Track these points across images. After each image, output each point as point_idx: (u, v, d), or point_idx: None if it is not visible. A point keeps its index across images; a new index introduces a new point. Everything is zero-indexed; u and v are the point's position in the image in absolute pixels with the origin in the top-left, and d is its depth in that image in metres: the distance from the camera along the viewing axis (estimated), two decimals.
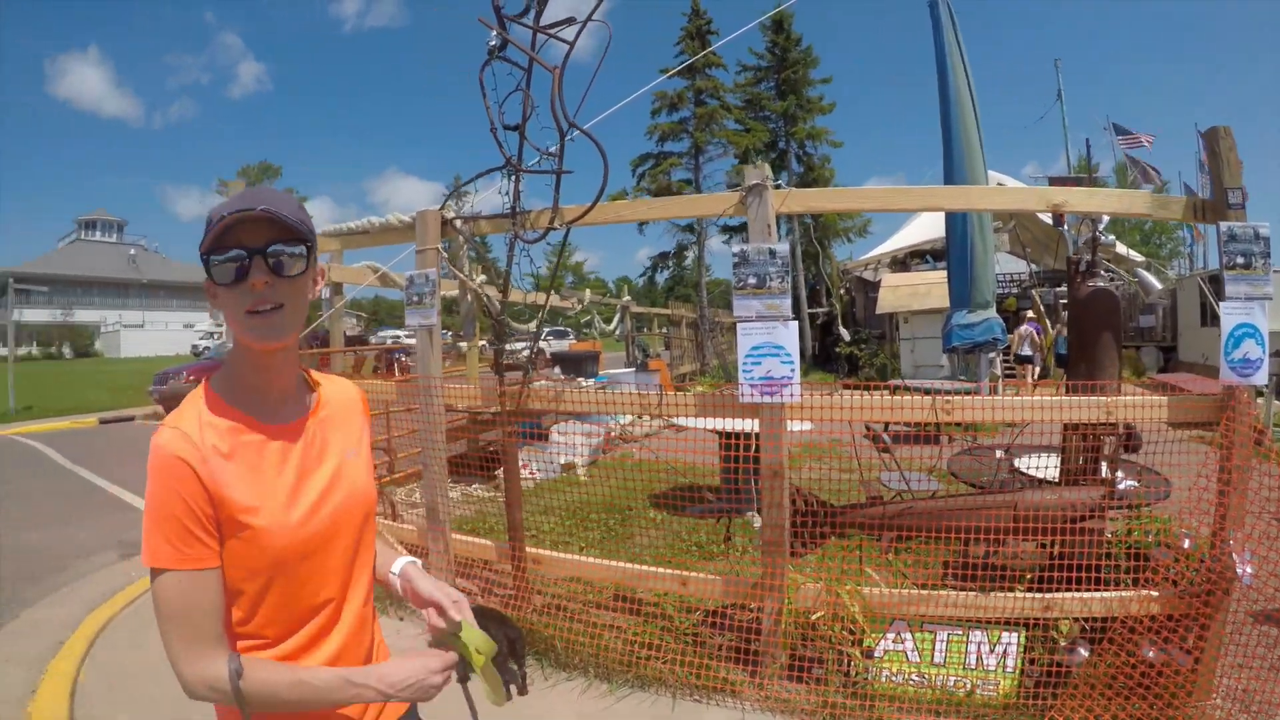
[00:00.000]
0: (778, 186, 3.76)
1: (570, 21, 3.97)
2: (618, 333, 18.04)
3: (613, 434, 10.57)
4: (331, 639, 1.39)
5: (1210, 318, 16.29)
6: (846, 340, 19.93)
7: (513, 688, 3.64)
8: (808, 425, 5.30)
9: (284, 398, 1.39)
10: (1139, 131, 22.38)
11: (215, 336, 54.15)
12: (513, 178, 4.32)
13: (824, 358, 28.98)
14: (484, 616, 3.78)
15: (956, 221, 6.91)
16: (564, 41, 4.00)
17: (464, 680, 1.51)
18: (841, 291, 27.81)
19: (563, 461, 8.21)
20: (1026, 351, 16.31)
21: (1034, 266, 22.17)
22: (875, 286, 22.00)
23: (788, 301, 3.61)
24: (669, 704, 3.69)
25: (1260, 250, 3.39)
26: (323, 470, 1.39)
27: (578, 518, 6.38)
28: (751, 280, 3.63)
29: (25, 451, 12.94)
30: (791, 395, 3.58)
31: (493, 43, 4.08)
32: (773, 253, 3.62)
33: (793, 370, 3.58)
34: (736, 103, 36.29)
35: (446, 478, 4.78)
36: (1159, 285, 17.55)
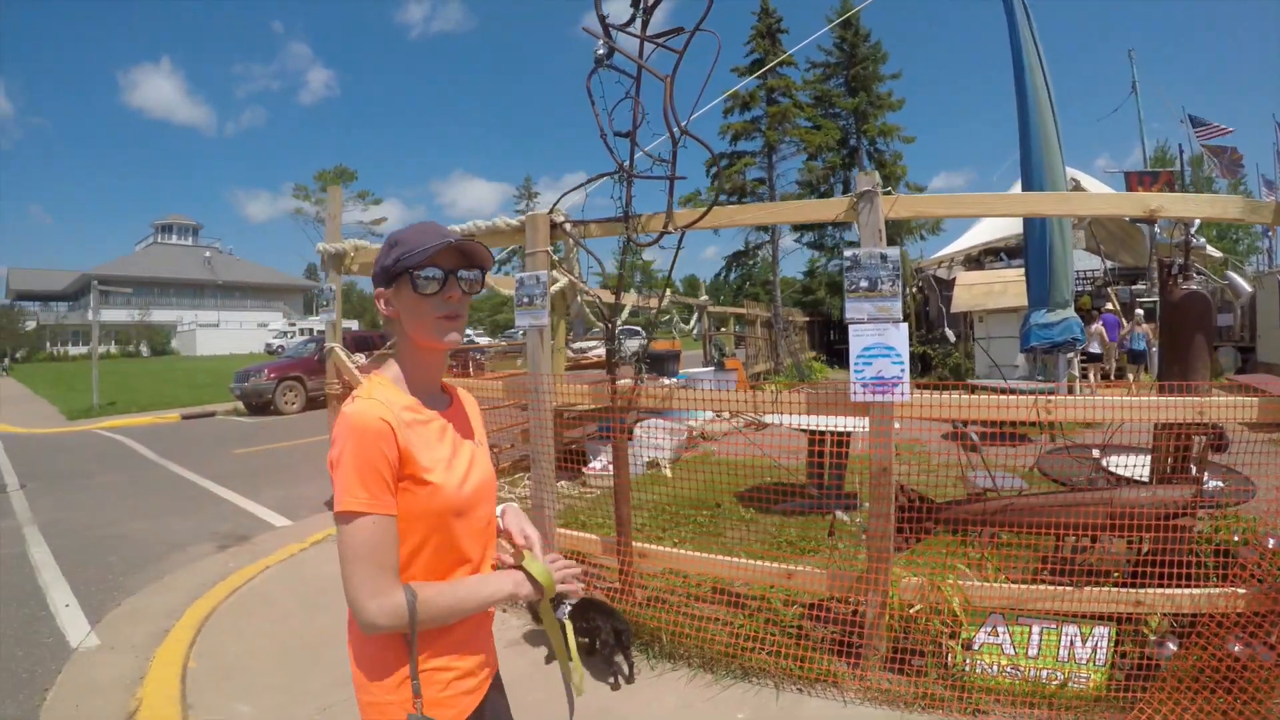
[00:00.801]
0: (885, 191, 3.93)
1: (678, 31, 4.13)
2: (695, 332, 18.22)
3: (694, 432, 10.65)
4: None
5: None
6: (952, 341, 19.68)
7: (620, 677, 3.93)
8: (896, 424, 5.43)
9: (435, 392, 1.71)
10: (1216, 123, 21.77)
11: (289, 335, 55.76)
12: (624, 183, 4.47)
13: None
14: (592, 608, 4.07)
15: (1035, 220, 6.97)
16: (672, 50, 4.18)
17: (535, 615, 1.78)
18: (914, 290, 27.51)
19: (647, 459, 8.32)
20: (1095, 349, 16.11)
21: (1110, 263, 21.71)
22: (949, 285, 21.70)
23: (899, 304, 3.75)
24: (772, 694, 3.83)
25: None
26: (464, 452, 1.67)
27: (668, 514, 6.53)
28: (864, 283, 3.78)
29: (112, 446, 13.41)
30: (902, 395, 3.72)
31: (600, 51, 4.24)
32: (884, 257, 3.77)
33: (903, 370, 3.72)
34: (806, 100, 36.12)
35: (554, 473, 5.01)
36: (1249, 288, 17.16)
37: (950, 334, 17.44)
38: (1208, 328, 4.07)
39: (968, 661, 3.75)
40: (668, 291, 5.52)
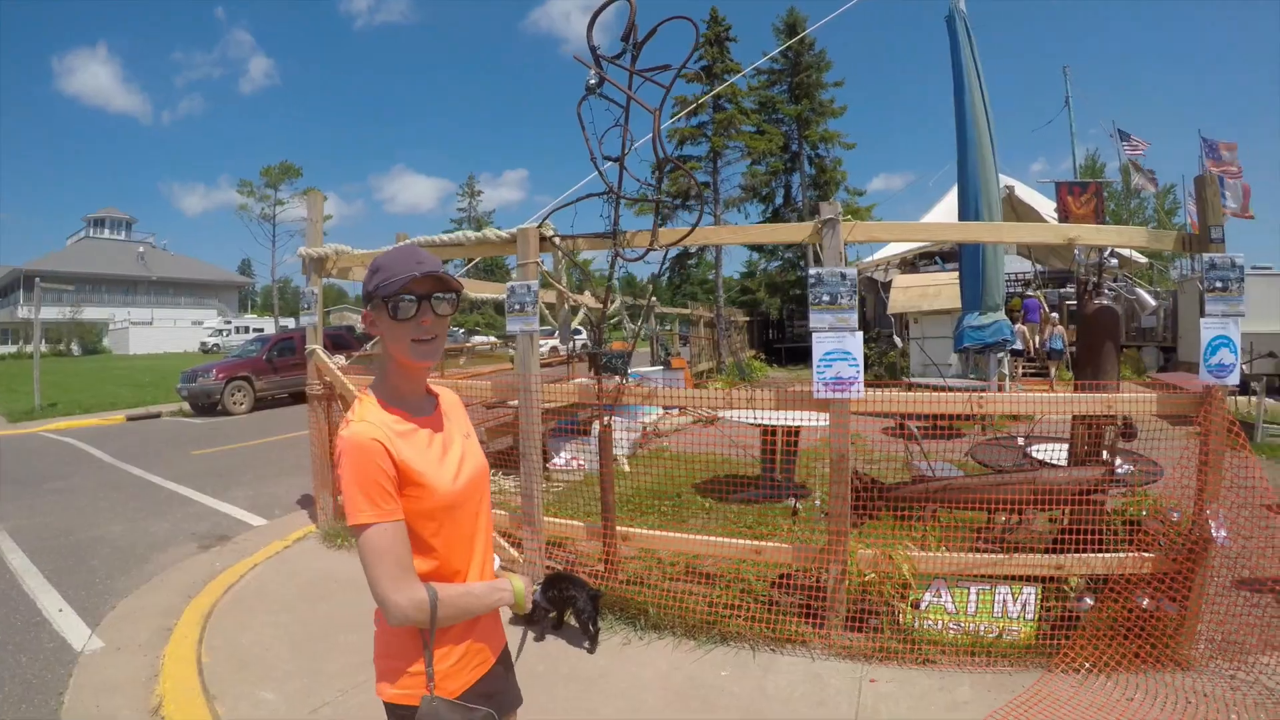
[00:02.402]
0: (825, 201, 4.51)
1: (666, 68, 4.63)
2: (643, 332, 18.69)
3: (648, 428, 11.06)
4: (476, 561, 1.90)
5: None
6: (899, 345, 20.52)
7: (591, 642, 4.48)
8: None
9: (421, 400, 1.89)
10: (1139, 138, 23.21)
11: (224, 334, 54.73)
12: (613, 203, 4.95)
13: None
14: (563, 580, 4.60)
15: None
16: (660, 85, 4.64)
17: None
18: None
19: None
20: (1019, 346, 17.30)
21: (1039, 267, 22.97)
22: (885, 287, 22.58)
23: (855, 315, 4.36)
24: (749, 654, 4.43)
25: (1235, 276, 4.19)
26: (454, 449, 1.88)
27: (632, 505, 6.95)
28: (825, 298, 4.39)
29: (64, 449, 13.08)
30: (858, 392, 4.35)
31: (592, 81, 4.65)
32: (844, 275, 4.38)
33: (858, 372, 4.34)
34: (751, 106, 36.93)
35: (542, 467, 5.47)
36: (1154, 303, 18.39)
37: (898, 340, 18.24)
38: (1116, 336, 4.87)
39: (917, 620, 4.42)
40: (653, 299, 6.00)
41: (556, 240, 5.29)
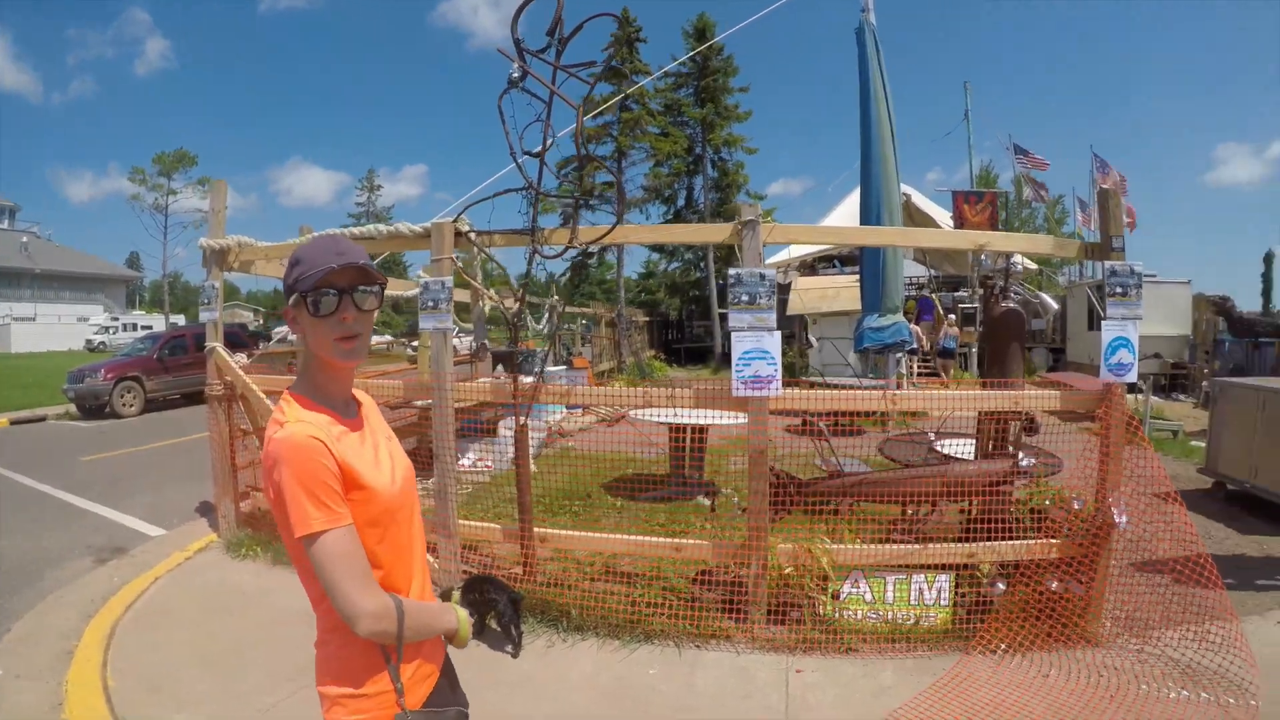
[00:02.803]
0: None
1: (591, 64, 4.61)
2: (546, 331, 18.62)
3: (552, 428, 10.97)
4: (417, 577, 1.81)
5: (1096, 323, 17.96)
6: (814, 345, 20.99)
7: (514, 645, 4.43)
8: (743, 418, 6.07)
9: (347, 400, 1.77)
10: (1036, 153, 24.52)
11: (111, 331, 52.04)
12: (532, 200, 4.87)
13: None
14: (484, 583, 4.53)
15: None
16: (584, 81, 4.61)
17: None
18: None
19: (511, 456, 8.41)
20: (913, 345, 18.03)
21: (934, 272, 23.93)
22: (785, 289, 23.11)
23: (773, 315, 4.44)
24: (675, 652, 4.45)
25: (1134, 283, 4.49)
26: (383, 451, 1.77)
27: (542, 505, 6.86)
28: (744, 298, 4.44)
29: None
30: (776, 390, 4.43)
31: (515, 75, 4.54)
32: (763, 276, 4.44)
33: (776, 370, 4.42)
34: (657, 108, 37.14)
35: (456, 468, 5.37)
36: (1056, 306, 19.36)
37: (814, 340, 18.67)
38: (1021, 337, 5.15)
39: (837, 610, 4.53)
40: (556, 299, 5.97)
41: (472, 236, 5.19)
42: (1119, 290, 4.51)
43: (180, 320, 45.71)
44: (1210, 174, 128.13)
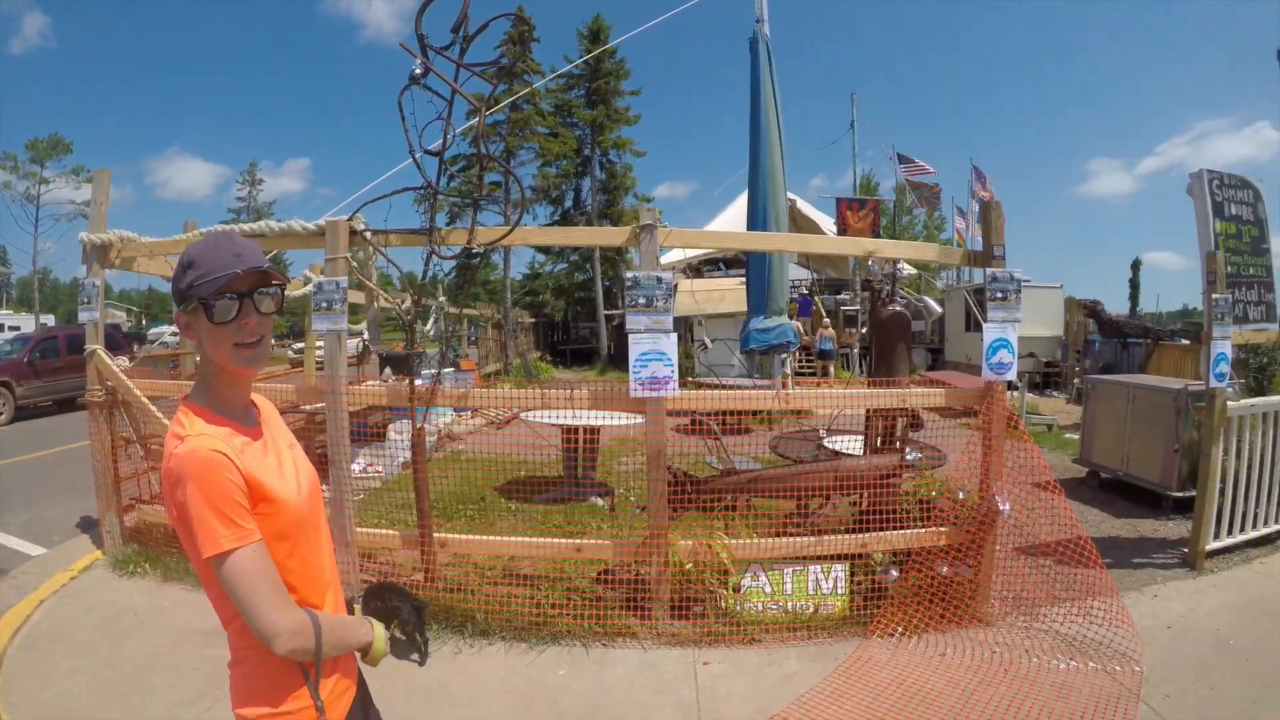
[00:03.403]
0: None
1: (496, 64, 4.58)
2: (433, 333, 18.27)
3: (442, 431, 10.81)
4: (330, 588, 1.77)
5: (973, 325, 18.99)
6: (709, 345, 21.36)
7: (420, 654, 4.38)
8: (639, 419, 6.17)
9: (246, 407, 1.71)
10: (921, 161, 25.76)
11: None
12: (430, 199, 4.83)
13: (620, 356, 29.84)
14: (386, 590, 4.45)
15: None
16: (486, 80, 4.57)
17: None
18: None
19: (402, 459, 8.13)
20: (828, 347, 18.70)
21: (816, 274, 24.77)
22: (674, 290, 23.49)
23: (670, 318, 4.53)
24: (583, 651, 4.48)
25: (1014, 288, 4.83)
26: (286, 459, 1.71)
27: (438, 509, 6.66)
28: (642, 300, 4.53)
29: None
30: (673, 391, 4.53)
31: (417, 71, 4.44)
32: (660, 279, 4.54)
33: (672, 371, 4.52)
34: (548, 108, 36.99)
35: (351, 474, 5.24)
36: (939, 310, 20.34)
37: (708, 340, 19.04)
38: (906, 338, 5.50)
39: (738, 603, 4.67)
40: (442, 300, 5.88)
41: (368, 235, 5.07)
42: (1000, 295, 4.83)
43: (50, 320, 42.32)
44: (1083, 186, 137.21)
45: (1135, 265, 45.54)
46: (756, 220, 8.65)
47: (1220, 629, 4.75)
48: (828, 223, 22.44)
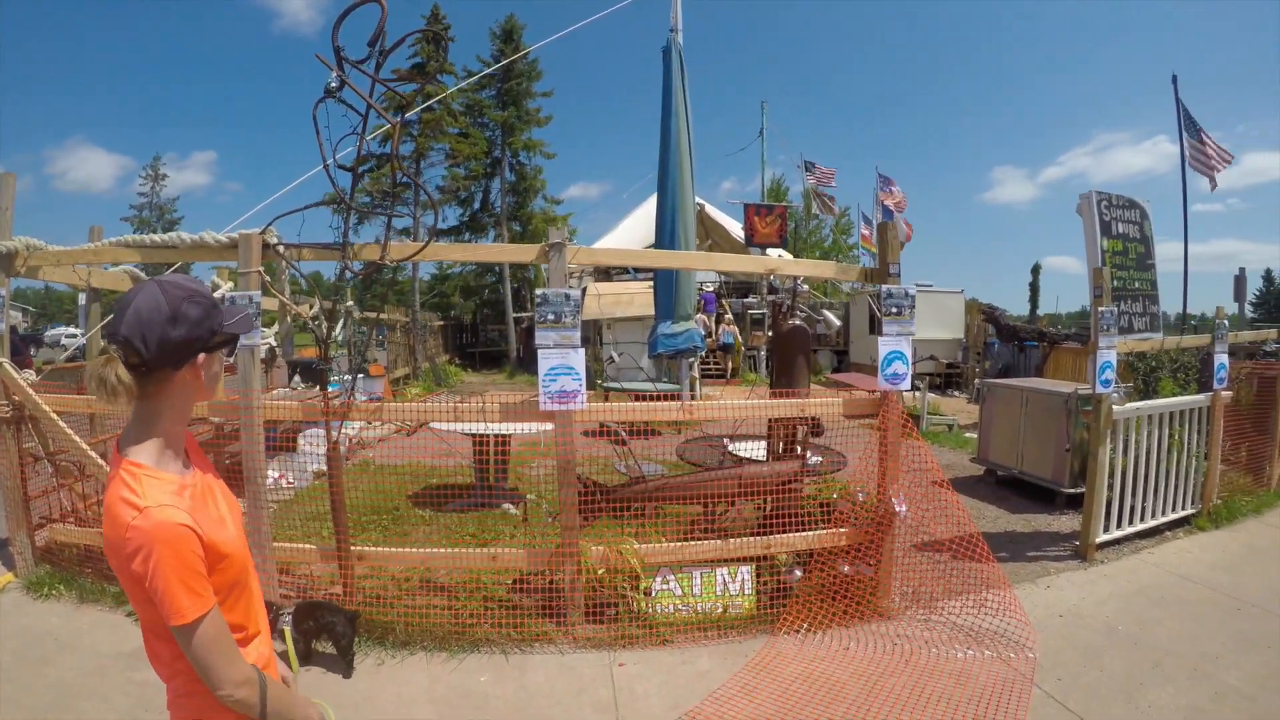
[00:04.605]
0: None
1: (411, 78, 4.60)
2: (341, 338, 17.89)
3: (352, 440, 10.59)
4: (263, 628, 1.82)
5: (876, 327, 19.61)
6: (616, 359, 21.43)
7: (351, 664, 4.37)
8: (549, 426, 6.26)
9: (181, 442, 1.71)
10: (824, 167, 26.57)
11: None
12: (344, 213, 4.80)
13: (529, 360, 29.88)
14: (318, 608, 4.49)
15: (665, 243, 8.30)
16: (400, 96, 4.57)
17: None
18: None
19: (313, 469, 8.34)
20: (729, 341, 19.31)
21: (724, 278, 25.22)
22: (582, 294, 23.50)
23: (578, 333, 4.70)
24: (503, 657, 4.60)
25: (908, 303, 5.15)
26: (218, 497, 1.74)
27: (350, 520, 6.72)
28: (550, 316, 4.69)
29: None
30: (581, 404, 4.70)
31: (332, 84, 4.42)
32: (568, 296, 4.70)
33: (581, 385, 4.68)
34: (459, 108, 36.51)
35: (267, 489, 5.20)
36: (837, 323, 21.05)
37: (615, 355, 19.20)
38: (806, 350, 5.78)
39: (650, 606, 4.89)
40: (350, 304, 5.84)
41: (281, 249, 5.02)
42: (894, 310, 5.13)
43: None
44: (988, 193, 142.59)
45: (1035, 270, 47.96)
46: (664, 228, 8.82)
47: (1109, 616, 5.16)
48: (736, 227, 22.82)
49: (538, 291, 4.75)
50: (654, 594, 4.92)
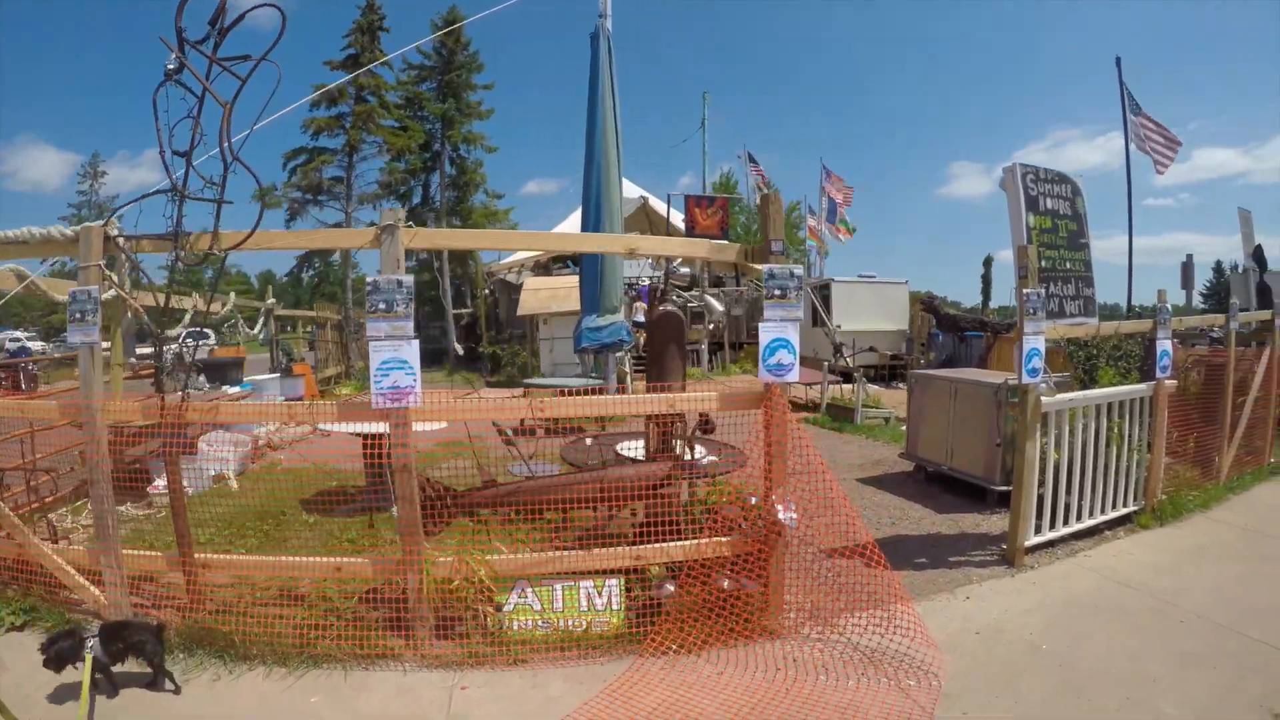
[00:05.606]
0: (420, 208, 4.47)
1: (246, 58, 4.33)
2: (262, 336, 17.44)
3: (260, 441, 10.52)
4: None
5: (818, 321, 19.45)
6: (475, 349, 21.15)
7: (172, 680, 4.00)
8: (443, 424, 5.79)
9: None
10: (778, 161, 26.58)
11: None
12: (177, 201, 4.53)
13: (470, 357, 29.64)
14: (125, 628, 4.12)
15: (588, 231, 7.99)
16: (237, 77, 4.32)
17: None
18: (486, 293, 29.16)
19: (213, 473, 8.10)
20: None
21: (661, 271, 24.93)
22: (518, 289, 23.30)
23: (410, 324, 4.34)
24: (342, 675, 4.25)
25: (794, 285, 4.63)
26: None
27: (234, 528, 6.52)
28: (382, 305, 4.31)
29: None
30: (414, 401, 4.35)
31: (170, 66, 4.26)
32: (400, 283, 4.34)
33: (415, 380, 4.34)
34: (397, 101, 36.18)
35: (113, 494, 4.88)
36: (721, 308, 20.89)
37: (457, 349, 18.79)
38: (679, 339, 5.25)
39: (504, 621, 4.53)
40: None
41: (120, 241, 4.73)
42: (777, 292, 4.61)
43: None
44: (945, 188, 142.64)
45: (987, 262, 48.08)
46: (589, 215, 8.56)
47: (1034, 632, 4.69)
48: (681, 220, 22.68)
49: (368, 279, 4.39)
50: (510, 608, 4.56)
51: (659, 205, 25.93)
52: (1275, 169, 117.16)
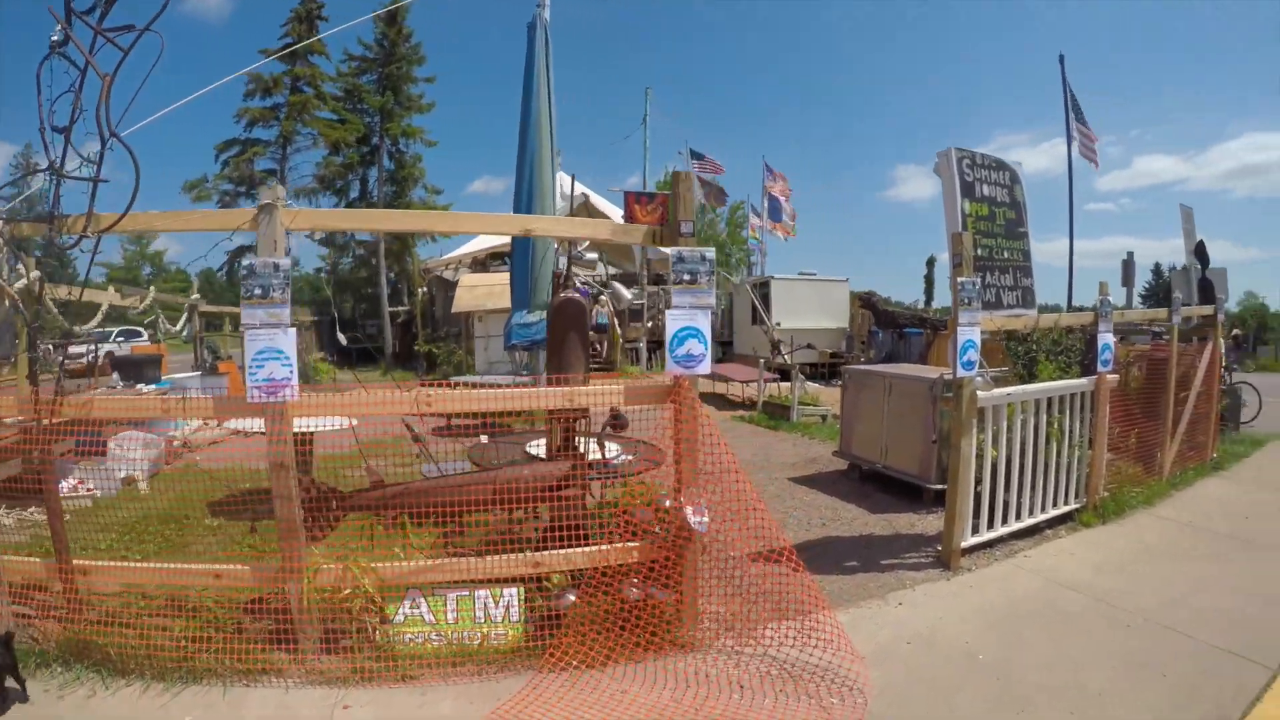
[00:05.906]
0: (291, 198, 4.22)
1: (130, 28, 4.07)
2: (185, 334, 16.83)
3: (175, 443, 10.17)
4: None
5: (758, 318, 19.46)
6: (344, 344, 20.80)
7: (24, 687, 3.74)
8: (355, 420, 5.59)
9: None
10: (712, 157, 26.41)
11: None
12: (55, 181, 4.30)
13: (406, 355, 29.25)
14: None
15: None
16: (119, 48, 4.07)
17: None
18: (423, 290, 28.84)
19: (122, 476, 7.72)
20: (603, 321, 19.01)
21: (611, 269, 24.82)
22: (454, 286, 23.05)
23: (288, 310, 4.07)
24: (220, 691, 3.96)
25: (705, 270, 4.33)
26: None
27: (135, 532, 6.22)
28: (258, 291, 4.03)
29: None
30: (291, 395, 4.07)
31: (56, 38, 4.06)
32: (277, 266, 4.05)
33: (291, 372, 4.06)
34: (336, 93, 35.53)
35: (63, 495, 4.59)
36: (629, 296, 21.08)
37: (343, 338, 18.63)
38: (581, 327, 5.01)
39: (394, 634, 4.23)
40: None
41: None
42: (686, 277, 4.32)
43: None
44: (891, 190, 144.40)
45: (930, 262, 49.25)
46: (519, 206, 8.35)
47: (971, 640, 4.44)
48: (619, 216, 22.58)
49: (244, 263, 4.11)
50: (401, 619, 4.28)
51: (599, 202, 25.83)
52: (1214, 176, 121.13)
